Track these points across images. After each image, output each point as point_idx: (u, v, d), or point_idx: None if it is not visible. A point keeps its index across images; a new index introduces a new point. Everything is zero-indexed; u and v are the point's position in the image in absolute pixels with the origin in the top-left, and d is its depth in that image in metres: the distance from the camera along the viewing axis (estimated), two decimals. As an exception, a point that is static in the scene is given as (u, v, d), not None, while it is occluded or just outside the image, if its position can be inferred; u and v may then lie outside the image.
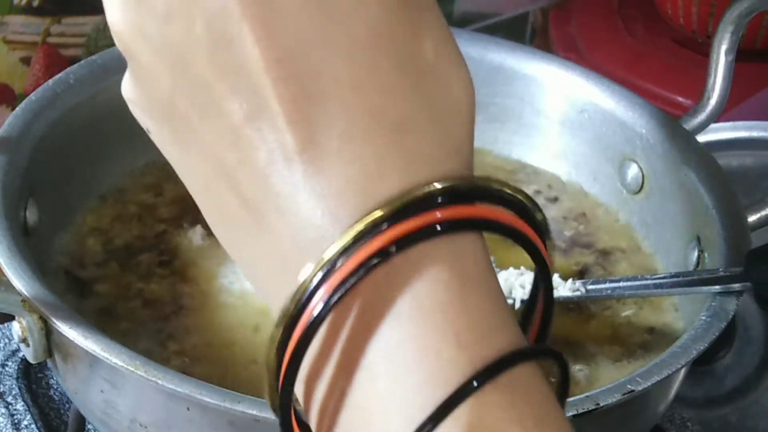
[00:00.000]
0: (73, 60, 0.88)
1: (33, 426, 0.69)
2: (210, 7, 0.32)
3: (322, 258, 0.31)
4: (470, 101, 0.34)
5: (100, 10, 0.36)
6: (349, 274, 0.31)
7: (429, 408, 0.31)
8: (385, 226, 0.31)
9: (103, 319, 0.65)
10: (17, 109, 0.69)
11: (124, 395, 0.57)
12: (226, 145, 0.33)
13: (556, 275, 0.68)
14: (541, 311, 0.35)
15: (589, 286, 0.67)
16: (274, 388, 0.32)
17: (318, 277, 0.31)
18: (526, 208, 0.33)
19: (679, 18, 1.12)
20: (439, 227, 0.31)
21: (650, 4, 1.17)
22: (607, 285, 0.67)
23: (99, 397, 0.58)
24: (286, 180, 0.32)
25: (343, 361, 0.32)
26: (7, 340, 0.75)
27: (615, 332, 0.69)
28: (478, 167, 0.34)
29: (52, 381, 0.72)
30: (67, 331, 0.55)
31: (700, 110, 0.74)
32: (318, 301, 0.31)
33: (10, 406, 0.70)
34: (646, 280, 0.66)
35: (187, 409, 0.43)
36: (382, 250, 0.31)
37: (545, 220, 0.33)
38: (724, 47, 0.73)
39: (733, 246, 0.66)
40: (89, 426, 0.68)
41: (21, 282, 0.57)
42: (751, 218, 0.69)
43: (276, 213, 0.32)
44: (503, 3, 1.19)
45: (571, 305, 0.70)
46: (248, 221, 0.33)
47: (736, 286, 0.62)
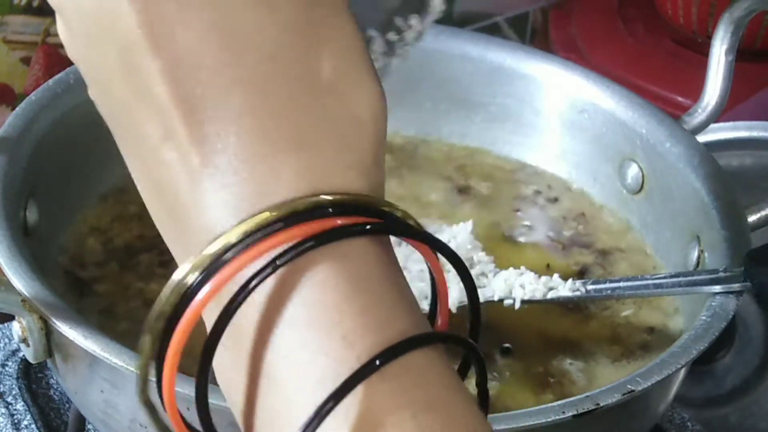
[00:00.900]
0: (73, 60, 0.88)
1: (33, 426, 0.69)
2: (119, 39, 0.34)
3: (197, 260, 0.33)
4: (375, 114, 0.35)
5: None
6: (227, 280, 0.33)
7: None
8: (269, 231, 0.33)
9: (103, 319, 0.66)
10: (17, 109, 0.69)
11: (124, 395, 0.57)
12: (152, 160, 0.35)
13: (556, 275, 0.68)
14: (469, 303, 0.37)
15: (589, 286, 0.67)
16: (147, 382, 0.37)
17: (194, 277, 0.33)
18: (406, 223, 0.35)
19: (679, 18, 1.12)
20: (313, 241, 0.33)
21: (650, 4, 1.17)
22: (607, 285, 0.67)
23: (99, 397, 0.58)
24: (198, 197, 0.34)
25: (249, 367, 0.34)
26: (7, 340, 0.75)
27: (614, 332, 0.69)
28: (478, 167, 0.34)
29: (52, 381, 0.72)
30: (67, 331, 0.55)
31: (700, 110, 0.74)
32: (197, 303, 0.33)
33: (10, 406, 0.70)
34: (646, 280, 0.66)
35: (188, 409, 0.43)
36: (271, 262, 0.33)
37: (419, 225, 0.36)
38: (724, 47, 0.73)
39: (733, 246, 0.66)
40: (89, 426, 0.68)
41: (21, 282, 0.57)
42: (751, 218, 0.69)
43: (191, 225, 0.35)
44: (503, 3, 1.19)
45: (571, 305, 0.70)
46: (173, 232, 0.35)
47: (736, 286, 0.62)
